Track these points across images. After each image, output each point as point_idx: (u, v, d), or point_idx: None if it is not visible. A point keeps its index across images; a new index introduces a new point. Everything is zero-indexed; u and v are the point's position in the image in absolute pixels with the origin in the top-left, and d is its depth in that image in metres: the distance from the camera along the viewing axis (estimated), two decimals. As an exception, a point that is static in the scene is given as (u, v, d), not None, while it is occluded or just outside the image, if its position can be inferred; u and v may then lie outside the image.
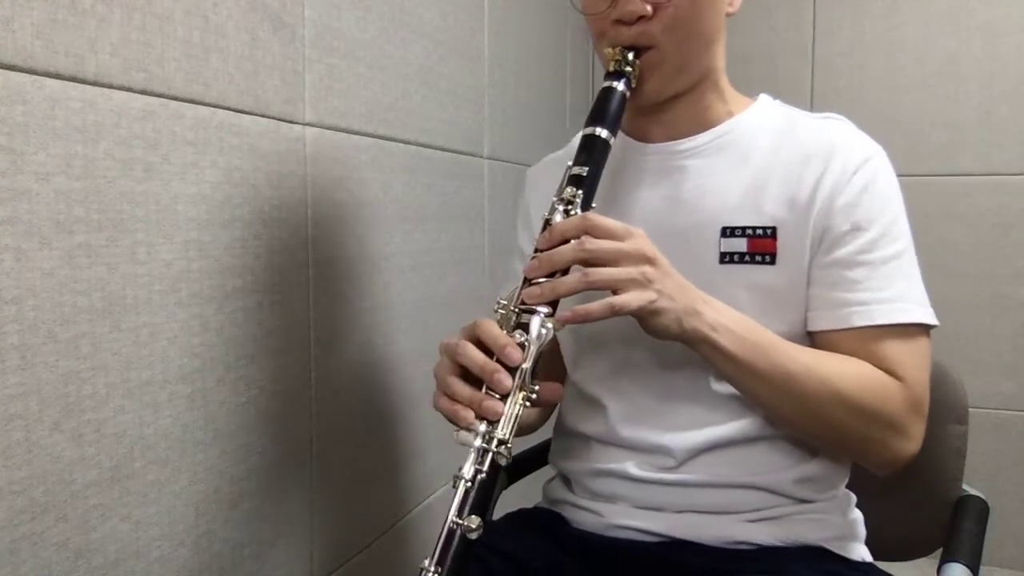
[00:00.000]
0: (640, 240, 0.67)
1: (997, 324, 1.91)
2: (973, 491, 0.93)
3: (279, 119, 0.91)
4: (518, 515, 0.90)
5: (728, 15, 0.80)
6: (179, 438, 0.78)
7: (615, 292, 0.65)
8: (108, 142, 0.68)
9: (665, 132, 0.83)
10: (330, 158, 1.01)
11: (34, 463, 0.64)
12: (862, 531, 0.84)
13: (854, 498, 0.85)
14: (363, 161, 1.08)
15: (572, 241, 0.67)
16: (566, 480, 0.89)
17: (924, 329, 0.75)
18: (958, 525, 0.83)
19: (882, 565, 0.82)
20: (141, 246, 0.72)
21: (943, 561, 0.76)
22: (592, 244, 0.66)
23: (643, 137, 0.85)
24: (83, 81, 0.66)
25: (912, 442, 0.74)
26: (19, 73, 0.60)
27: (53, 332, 0.65)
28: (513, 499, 0.99)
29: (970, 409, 0.95)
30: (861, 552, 0.82)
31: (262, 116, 0.88)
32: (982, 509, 0.88)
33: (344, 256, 1.05)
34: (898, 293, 0.74)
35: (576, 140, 0.92)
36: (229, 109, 0.82)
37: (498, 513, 0.89)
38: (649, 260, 0.66)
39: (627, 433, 0.80)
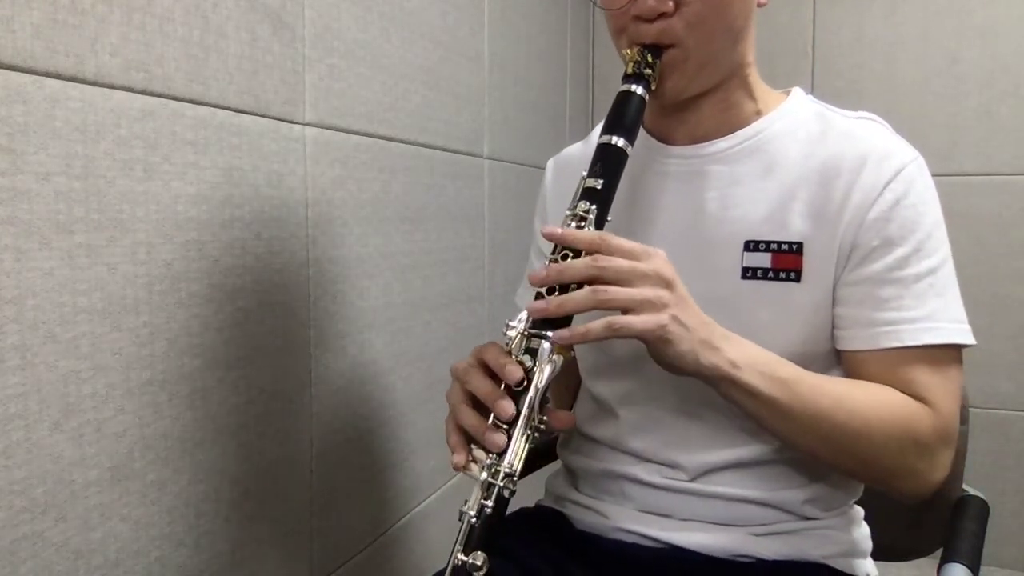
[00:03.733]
0: (659, 261, 0.63)
1: (997, 324, 1.91)
2: (973, 491, 0.92)
3: (279, 119, 0.91)
4: (519, 515, 0.90)
5: (760, 5, 0.75)
6: (179, 438, 0.78)
7: (625, 313, 0.61)
8: (108, 142, 0.68)
9: (689, 133, 0.79)
10: (330, 158, 1.01)
11: (34, 463, 0.64)
12: (868, 546, 0.82)
13: (862, 513, 0.83)
14: (363, 161, 1.08)
15: (585, 256, 0.62)
16: (571, 475, 0.88)
17: (956, 349, 0.72)
18: (958, 525, 0.83)
19: (882, 565, 0.81)
20: (141, 246, 0.72)
21: (943, 561, 0.76)
22: (606, 261, 0.61)
23: (665, 138, 0.81)
24: (83, 81, 0.66)
25: (939, 470, 0.72)
26: (19, 73, 0.60)
27: (53, 332, 0.64)
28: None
29: (970, 409, 0.95)
30: (866, 568, 0.81)
31: (262, 116, 0.88)
32: (982, 509, 0.87)
33: (344, 256, 1.05)
34: (929, 312, 0.70)
35: (597, 132, 0.90)
36: (229, 109, 0.82)
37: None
38: (667, 283, 0.62)
39: (638, 445, 0.79)
